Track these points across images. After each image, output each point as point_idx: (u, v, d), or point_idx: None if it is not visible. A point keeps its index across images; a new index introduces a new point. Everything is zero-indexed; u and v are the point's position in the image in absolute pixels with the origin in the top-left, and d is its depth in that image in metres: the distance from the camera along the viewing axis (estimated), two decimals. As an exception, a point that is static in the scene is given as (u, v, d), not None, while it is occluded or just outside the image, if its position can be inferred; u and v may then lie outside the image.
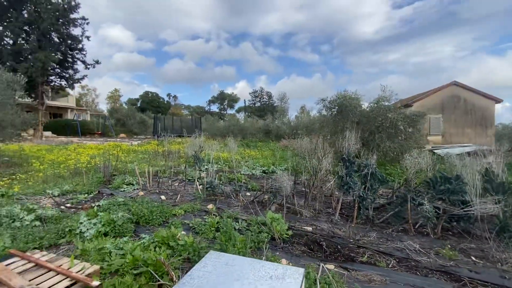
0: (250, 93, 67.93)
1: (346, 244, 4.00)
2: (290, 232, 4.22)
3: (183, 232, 3.93)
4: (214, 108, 73.54)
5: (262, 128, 26.22)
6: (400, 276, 3.18)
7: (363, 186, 5.13)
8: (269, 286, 1.30)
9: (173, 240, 3.56)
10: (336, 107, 10.76)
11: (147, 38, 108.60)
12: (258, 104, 65.81)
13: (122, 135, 34.19)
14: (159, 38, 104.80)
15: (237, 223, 4.44)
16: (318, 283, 2.48)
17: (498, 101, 17.42)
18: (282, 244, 3.90)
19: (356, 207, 4.83)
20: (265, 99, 65.90)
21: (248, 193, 6.72)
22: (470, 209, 4.08)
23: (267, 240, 3.70)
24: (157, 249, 3.36)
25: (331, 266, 3.28)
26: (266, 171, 9.78)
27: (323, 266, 2.82)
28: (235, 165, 9.57)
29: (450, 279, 3.16)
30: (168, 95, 74.22)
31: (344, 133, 5.27)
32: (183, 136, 24.78)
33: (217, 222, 4.45)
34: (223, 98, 73.49)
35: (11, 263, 3.04)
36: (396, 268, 3.38)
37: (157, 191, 6.81)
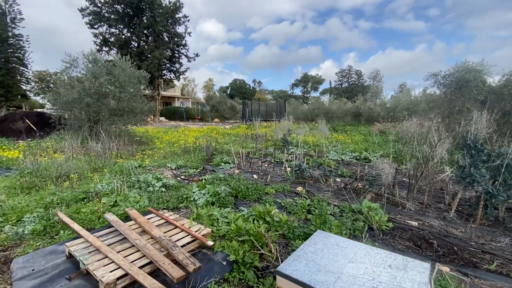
0: (336, 73, 63.57)
1: (465, 247, 3.36)
2: (390, 224, 3.86)
3: (276, 210, 4.15)
4: (297, 91, 72.61)
5: (351, 110, 24.30)
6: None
7: (493, 181, 4.11)
8: (389, 275, 1.23)
9: (269, 216, 3.82)
10: (454, 83, 8.75)
11: (236, 28, 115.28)
12: (345, 84, 61.06)
13: (216, 119, 38.38)
14: (246, 27, 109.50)
15: (329, 208, 4.37)
16: (432, 283, 2.19)
17: None
18: (381, 235, 3.61)
19: (482, 205, 3.94)
20: (353, 79, 60.45)
21: (338, 179, 6.47)
22: None
23: (365, 229, 3.50)
24: (255, 222, 3.69)
25: (446, 269, 2.83)
26: (357, 158, 9.12)
27: (438, 266, 2.46)
28: (324, 149, 9.30)
29: None
30: (254, 81, 77.80)
31: (464, 115, 4.27)
32: (269, 120, 25.70)
33: (308, 205, 4.49)
34: (306, 81, 71.57)
35: (150, 217, 3.94)
36: (544, 287, 2.63)
37: (250, 170, 7.38)
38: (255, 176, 6.72)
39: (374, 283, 1.16)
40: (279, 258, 2.89)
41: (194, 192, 4.92)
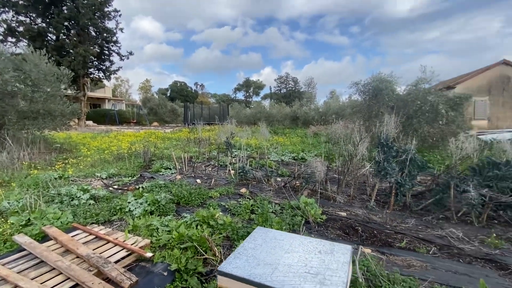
0: (275, 80, 66.90)
1: (382, 230, 3.96)
2: (324, 217, 4.26)
3: (220, 213, 4.14)
4: (240, 95, 73.81)
5: (289, 114, 25.92)
6: (441, 262, 3.10)
7: (401, 172, 4.95)
8: (319, 259, 1.37)
9: (213, 220, 3.79)
10: (371, 91, 10.25)
11: (175, 29, 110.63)
12: (284, 90, 64.75)
13: (155, 123, 35.95)
14: (186, 28, 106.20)
15: (270, 206, 4.57)
16: (357, 263, 2.52)
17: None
18: (316, 227, 3.96)
19: (393, 194, 4.69)
20: (291, 85, 64.59)
21: (278, 179, 6.82)
22: (523, 197, 3.78)
23: (302, 223, 3.78)
24: (198, 227, 3.61)
25: (368, 250, 3.28)
26: (295, 158, 9.78)
27: (362, 249, 2.84)
28: (266, 151, 9.68)
29: (496, 267, 3.02)
30: (196, 84, 75.83)
31: (379, 118, 5.06)
32: (212, 123, 25.41)
33: (251, 205, 4.62)
34: (248, 86, 73.37)
35: (76, 234, 3.47)
36: (437, 255, 3.29)
37: (193, 175, 7.17)
38: (198, 180, 6.56)
39: (306, 269, 1.28)
40: (224, 260, 2.90)
41: (129, 202, 4.53)
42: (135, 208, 4.35)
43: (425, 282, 2.62)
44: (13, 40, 23.03)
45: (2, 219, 3.85)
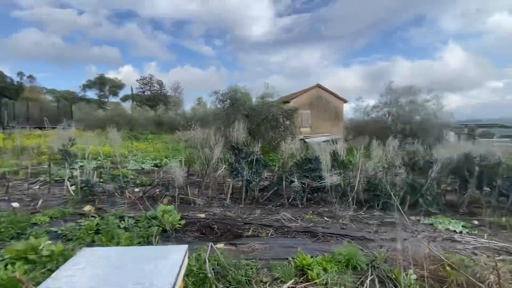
0: (137, 80, 60.82)
1: (235, 223, 4.44)
2: (183, 222, 4.26)
3: (49, 242, 3.26)
4: (92, 94, 61.42)
5: (153, 119, 24.26)
6: (276, 241, 3.85)
7: (250, 171, 5.77)
8: (154, 264, 1.36)
9: (34, 252, 2.92)
10: (228, 100, 11.36)
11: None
12: (148, 92, 59.94)
13: None
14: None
15: (123, 222, 4.08)
16: (207, 261, 2.69)
17: (345, 101, 23.07)
18: (174, 234, 3.90)
19: (244, 190, 5.38)
20: (156, 88, 60.76)
21: (136, 189, 6.21)
22: (324, 182, 5.36)
23: (156, 232, 3.61)
24: (9, 266, 2.67)
25: (221, 245, 3.58)
26: (158, 165, 9.25)
27: (212, 246, 3.06)
28: (120, 160, 8.54)
29: (310, 236, 4.10)
30: (20, 74, 56.19)
31: (235, 124, 5.71)
32: (45, 127, 19.66)
33: (97, 224, 3.93)
34: (103, 83, 62.42)
35: None
36: (273, 236, 4.06)
37: (6, 197, 5.25)
38: (15, 204, 4.87)
39: (139, 279, 1.23)
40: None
41: None
42: None
43: (263, 261, 3.16)
44: None
45: None
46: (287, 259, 3.12)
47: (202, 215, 4.79)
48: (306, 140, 16.70)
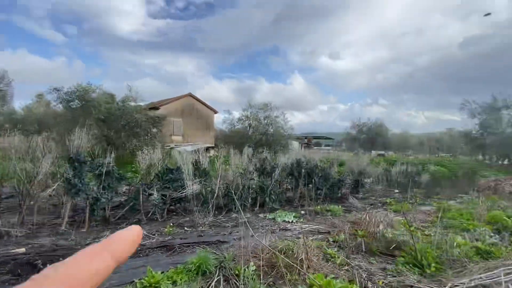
0: None
1: (70, 254, 3.62)
2: (-21, 266, 3.04)
3: None
4: None
5: None
6: (124, 264, 3.44)
7: (102, 186, 4.92)
8: None
9: None
10: (76, 101, 9.31)
11: None
12: None
13: None
14: None
15: None
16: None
17: (216, 112, 24.46)
18: (-42, 287, 2.71)
19: (89, 210, 4.52)
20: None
21: None
22: (186, 191, 5.36)
23: None
24: None
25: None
26: None
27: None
28: None
29: (166, 250, 3.95)
30: None
31: (86, 130, 4.70)
32: None
33: None
34: None
35: None
36: (123, 258, 3.61)
37: None
38: None
39: None
40: None
41: None
42: None
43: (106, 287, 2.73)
44: None
45: None
46: (133, 281, 2.85)
47: (22, 250, 3.61)
48: (178, 148, 16.28)
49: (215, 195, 5.62)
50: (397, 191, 10.06)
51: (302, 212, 6.24)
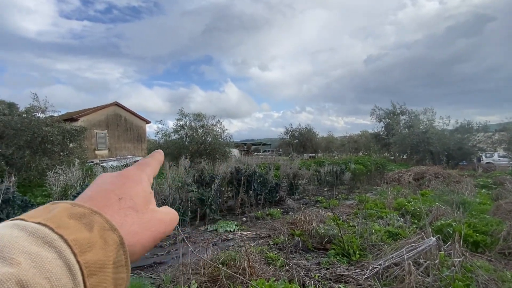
0: None
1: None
2: None
3: None
4: None
5: None
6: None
7: (-6, 220, 3.95)
8: None
9: None
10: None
11: None
12: None
13: None
14: None
15: None
16: None
17: (148, 122, 22.76)
18: None
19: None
20: None
21: None
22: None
23: None
24: None
25: None
26: None
27: None
28: None
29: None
30: None
31: None
32: None
33: None
34: None
35: None
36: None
37: None
38: None
39: None
40: None
41: None
42: None
43: None
44: None
45: None
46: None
47: None
48: (103, 164, 14.41)
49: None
50: (326, 189, 11.16)
51: (244, 219, 6.30)
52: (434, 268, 2.82)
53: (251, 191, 7.38)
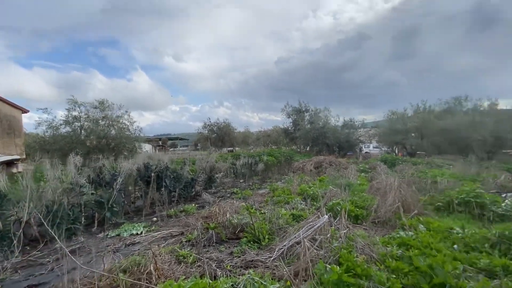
0: None
1: None
2: None
3: None
4: None
5: None
6: None
7: None
8: None
9: None
10: None
11: None
12: None
13: None
14: None
15: None
16: None
17: (25, 111, 17.95)
18: None
19: None
20: None
21: None
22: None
23: None
24: None
25: None
26: None
27: None
28: None
29: None
30: None
31: None
32: None
33: None
34: None
35: None
36: None
37: None
38: None
39: None
40: None
41: None
42: None
43: None
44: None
45: None
46: None
47: None
48: None
49: (23, 224, 4.09)
50: (242, 180, 11.56)
51: (154, 219, 5.80)
52: (326, 242, 3.29)
53: (162, 189, 6.85)
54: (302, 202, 6.20)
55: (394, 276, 2.72)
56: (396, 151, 26.24)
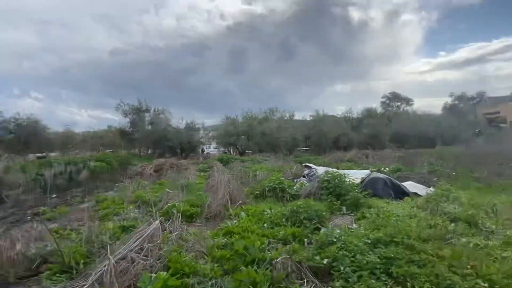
0: None
1: None
2: None
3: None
4: None
5: None
6: None
7: None
8: None
9: None
10: None
11: None
12: None
13: None
14: None
15: None
16: None
17: None
18: None
19: None
20: None
21: None
22: None
23: None
24: None
25: None
26: None
27: None
28: None
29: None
30: None
31: None
32: None
33: None
34: None
35: None
36: None
37: None
38: None
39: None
40: None
41: None
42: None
43: None
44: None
45: None
46: None
47: None
48: None
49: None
50: (54, 195, 8.92)
51: None
52: (156, 249, 3.13)
53: None
54: (136, 210, 5.63)
55: (217, 264, 3.01)
56: (231, 151, 30.16)
